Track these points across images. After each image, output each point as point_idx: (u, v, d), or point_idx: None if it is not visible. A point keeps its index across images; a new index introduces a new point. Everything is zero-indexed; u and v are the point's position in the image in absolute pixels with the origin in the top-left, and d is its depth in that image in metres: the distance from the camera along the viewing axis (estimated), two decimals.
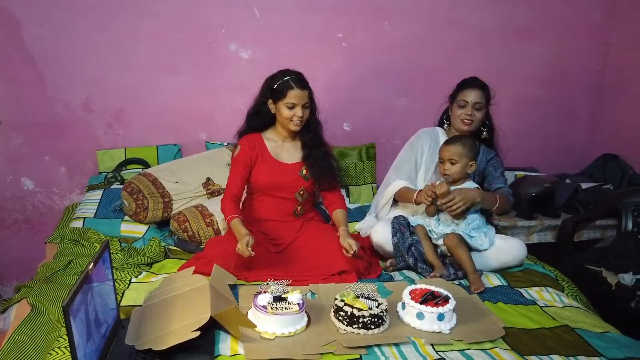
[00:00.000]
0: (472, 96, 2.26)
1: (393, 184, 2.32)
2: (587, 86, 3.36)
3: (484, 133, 2.35)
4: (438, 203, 2.10)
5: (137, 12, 2.73)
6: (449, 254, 2.15)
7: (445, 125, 2.39)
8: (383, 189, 2.40)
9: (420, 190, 2.20)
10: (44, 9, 2.64)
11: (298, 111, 2.10)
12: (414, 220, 2.23)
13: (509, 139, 3.26)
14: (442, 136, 2.36)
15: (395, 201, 2.38)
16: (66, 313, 1.16)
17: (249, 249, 1.88)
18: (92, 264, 1.37)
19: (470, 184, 2.16)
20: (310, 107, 2.17)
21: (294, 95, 2.09)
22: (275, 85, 2.11)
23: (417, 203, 2.19)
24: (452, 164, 2.13)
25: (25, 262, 2.83)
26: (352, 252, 2.01)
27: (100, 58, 2.75)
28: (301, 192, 2.24)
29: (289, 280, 1.75)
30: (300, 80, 2.11)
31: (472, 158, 2.15)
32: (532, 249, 2.35)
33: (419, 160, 2.35)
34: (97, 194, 2.57)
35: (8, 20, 2.62)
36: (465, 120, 2.26)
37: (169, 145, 2.91)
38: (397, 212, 2.32)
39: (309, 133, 2.23)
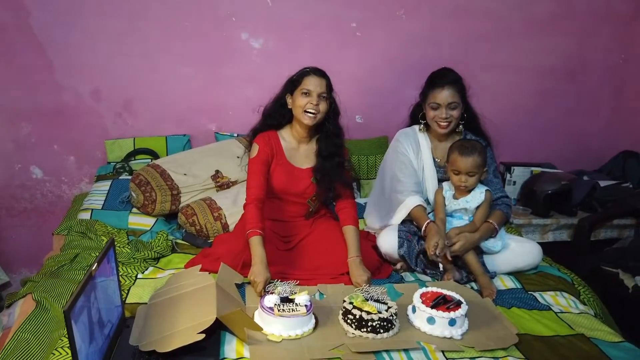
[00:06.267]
0: (443, 97, 2.07)
1: (408, 201, 2.12)
2: (608, 81, 3.26)
3: (460, 127, 2.18)
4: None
5: (147, 0, 2.68)
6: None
7: (422, 126, 2.23)
8: (394, 204, 2.17)
9: (428, 224, 2.02)
10: None
11: (313, 99, 1.98)
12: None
13: (527, 134, 3.23)
14: (421, 135, 2.22)
15: None
16: (67, 317, 1.13)
17: (264, 289, 1.76)
18: (96, 264, 1.34)
19: (481, 189, 2.07)
20: (330, 106, 2.04)
21: (310, 81, 1.99)
22: (294, 77, 2.05)
23: (423, 235, 2.04)
24: (471, 176, 2.03)
25: (33, 250, 2.85)
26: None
27: (109, 46, 2.71)
28: (313, 198, 2.15)
29: (297, 281, 1.71)
30: (318, 70, 2.03)
31: (485, 165, 2.06)
32: (546, 247, 2.27)
33: (412, 163, 2.20)
34: (106, 185, 2.55)
35: (16, 6, 2.58)
36: (441, 124, 2.11)
37: (178, 135, 2.88)
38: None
39: (326, 139, 2.09)
